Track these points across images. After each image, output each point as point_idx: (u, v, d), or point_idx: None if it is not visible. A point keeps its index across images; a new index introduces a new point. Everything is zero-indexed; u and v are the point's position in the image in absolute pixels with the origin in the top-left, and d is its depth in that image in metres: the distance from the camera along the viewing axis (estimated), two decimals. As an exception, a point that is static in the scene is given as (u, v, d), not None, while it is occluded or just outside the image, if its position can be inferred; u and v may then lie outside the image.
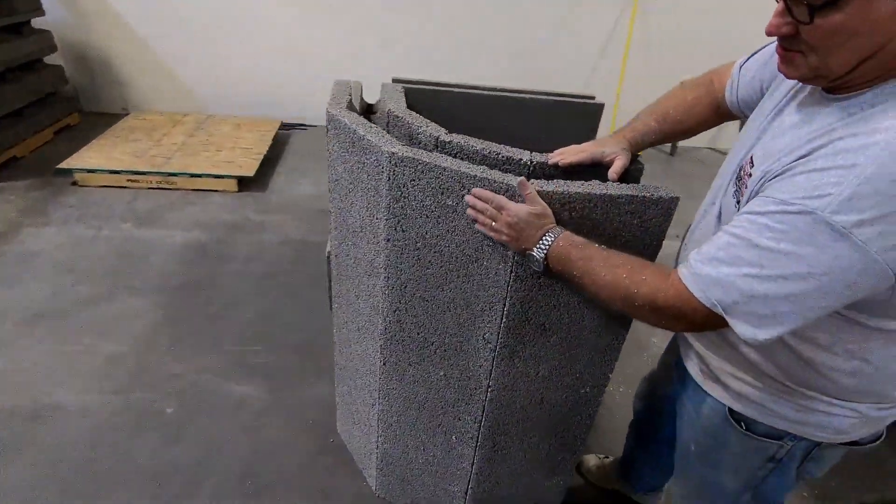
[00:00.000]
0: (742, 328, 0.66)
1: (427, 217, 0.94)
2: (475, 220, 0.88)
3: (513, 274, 0.92)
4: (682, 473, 1.08)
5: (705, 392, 0.91)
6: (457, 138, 1.00)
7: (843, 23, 0.56)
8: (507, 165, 0.96)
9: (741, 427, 0.86)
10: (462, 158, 0.99)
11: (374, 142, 0.94)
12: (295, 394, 1.79)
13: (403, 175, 0.92)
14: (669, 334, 1.13)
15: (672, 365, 1.06)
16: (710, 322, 0.69)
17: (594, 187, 0.86)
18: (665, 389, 1.11)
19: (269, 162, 3.47)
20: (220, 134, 3.56)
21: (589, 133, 2.66)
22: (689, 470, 1.03)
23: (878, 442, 0.85)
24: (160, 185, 3.01)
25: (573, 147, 0.97)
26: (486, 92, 2.09)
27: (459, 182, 0.88)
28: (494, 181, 0.85)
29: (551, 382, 1.09)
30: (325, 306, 2.17)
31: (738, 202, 0.76)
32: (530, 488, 1.33)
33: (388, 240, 1.00)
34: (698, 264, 0.69)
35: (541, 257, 0.82)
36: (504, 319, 0.98)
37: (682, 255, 0.93)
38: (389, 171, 0.92)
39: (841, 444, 0.83)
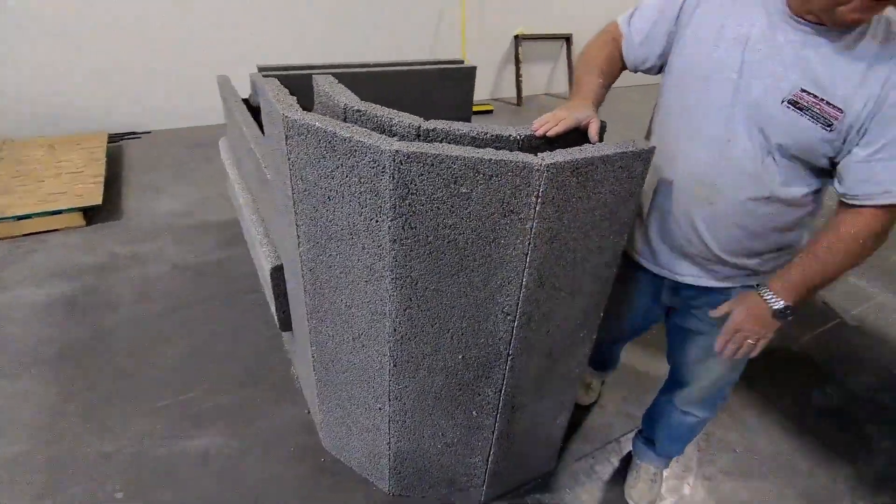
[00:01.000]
0: None
1: (439, 209, 0.92)
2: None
3: (531, 245, 0.96)
4: (699, 378, 1.28)
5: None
6: (439, 125, 0.99)
7: None
8: (497, 143, 0.98)
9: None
10: (448, 142, 0.98)
11: (368, 143, 0.89)
12: (264, 426, 1.64)
13: (411, 171, 0.88)
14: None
15: (655, 300, 1.25)
16: None
17: (592, 150, 0.93)
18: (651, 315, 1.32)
19: (111, 183, 2.95)
20: (33, 161, 2.90)
21: (467, 95, 2.77)
22: (710, 372, 1.24)
23: None
24: (-26, 240, 2.39)
25: (549, 116, 1.01)
26: (363, 69, 2.04)
27: (474, 168, 0.88)
28: (511, 162, 0.87)
29: (558, 334, 1.18)
30: (255, 327, 2.00)
31: (829, 125, 0.87)
32: (541, 432, 1.44)
33: (395, 240, 0.96)
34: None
35: (789, 314, 0.99)
36: (523, 290, 1.03)
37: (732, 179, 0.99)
38: (393, 169, 0.88)
39: None
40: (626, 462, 1.61)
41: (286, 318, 1.59)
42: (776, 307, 1.00)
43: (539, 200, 0.90)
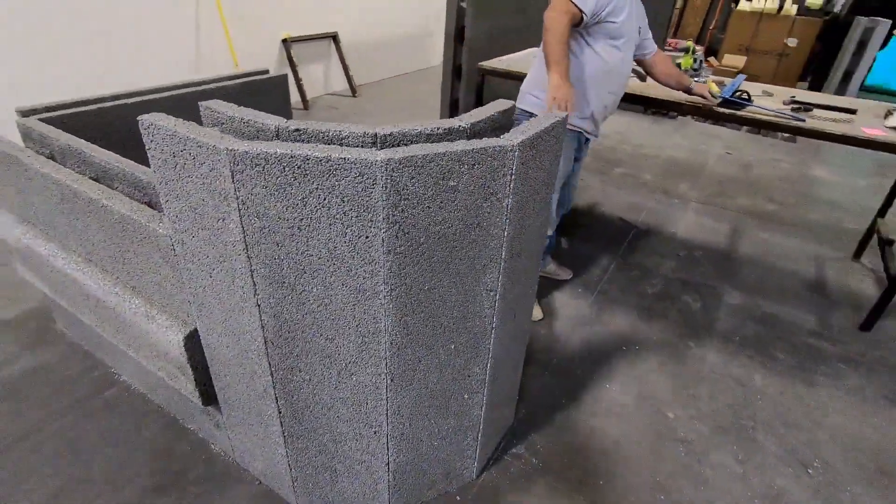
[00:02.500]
0: None
1: (429, 207, 0.94)
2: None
3: (507, 220, 1.05)
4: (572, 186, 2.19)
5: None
6: (394, 129, 0.98)
7: None
8: (450, 136, 1.02)
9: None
10: (401, 145, 0.99)
11: (353, 158, 0.84)
12: (215, 522, 1.38)
13: (402, 177, 0.88)
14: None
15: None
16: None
17: (536, 125, 1.05)
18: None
19: None
20: None
21: (283, 104, 2.66)
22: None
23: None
24: None
25: (569, 107, 1.61)
26: (165, 94, 1.84)
27: (459, 161, 0.91)
28: (490, 148, 0.93)
29: (520, 294, 1.30)
30: (136, 424, 1.63)
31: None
32: (509, 389, 1.55)
33: (389, 251, 0.94)
34: None
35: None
36: (503, 263, 1.11)
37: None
38: (386, 178, 0.86)
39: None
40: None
41: (209, 390, 1.36)
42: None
43: (513, 178, 0.99)
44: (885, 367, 2.06)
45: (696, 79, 2.43)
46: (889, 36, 5.22)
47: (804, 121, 2.07)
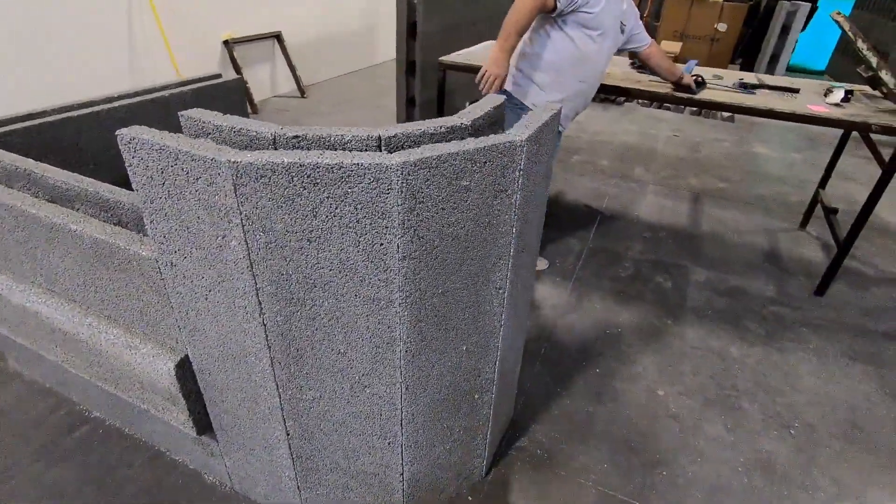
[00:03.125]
0: None
1: (443, 209, 0.91)
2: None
3: (516, 216, 1.03)
4: None
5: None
6: (398, 130, 0.94)
7: None
8: (453, 134, 1.00)
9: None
10: (408, 147, 0.96)
11: (367, 163, 0.80)
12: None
13: (418, 180, 0.84)
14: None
15: None
16: None
17: (536, 120, 1.04)
18: None
19: None
20: None
21: (241, 108, 2.55)
22: None
23: None
24: None
25: (496, 84, 1.27)
26: (112, 105, 1.73)
27: (471, 160, 0.89)
28: (500, 145, 0.91)
29: (521, 290, 1.29)
30: (109, 464, 1.51)
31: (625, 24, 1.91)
32: (511, 384, 1.55)
33: (405, 257, 0.91)
34: None
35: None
36: (511, 261, 1.10)
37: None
38: (402, 181, 0.83)
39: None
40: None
41: (203, 418, 1.28)
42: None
43: (521, 174, 0.98)
44: (841, 328, 2.22)
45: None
46: (808, 19, 5.60)
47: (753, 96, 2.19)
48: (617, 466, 1.58)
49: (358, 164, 0.80)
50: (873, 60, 2.10)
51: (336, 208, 0.84)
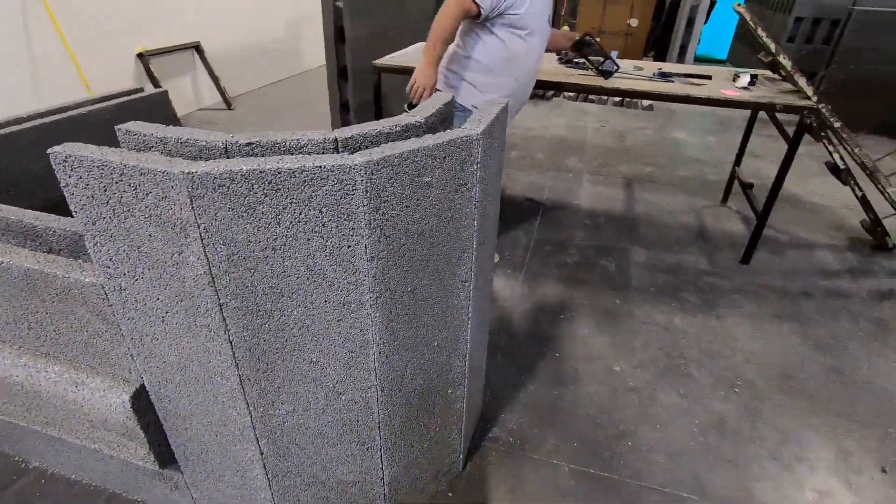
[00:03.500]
0: None
1: (407, 206, 0.91)
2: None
3: (476, 209, 1.05)
4: None
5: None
6: (354, 131, 0.94)
7: None
8: (408, 132, 1.00)
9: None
10: (365, 147, 0.95)
11: (330, 165, 0.79)
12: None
13: (381, 178, 0.84)
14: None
15: None
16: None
17: (489, 113, 1.07)
18: None
19: None
20: None
21: (171, 121, 2.44)
22: None
23: None
24: None
25: (425, 94, 1.14)
26: (23, 126, 1.62)
27: (432, 156, 0.90)
28: (458, 139, 0.93)
29: (485, 282, 1.32)
30: None
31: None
32: (480, 375, 1.57)
33: (373, 258, 0.91)
34: None
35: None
36: (475, 253, 1.11)
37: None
38: (366, 181, 0.83)
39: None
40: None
41: (165, 450, 1.20)
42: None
43: (479, 166, 1.00)
44: (768, 291, 2.43)
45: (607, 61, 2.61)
46: (709, 12, 6.06)
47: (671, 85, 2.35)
48: (585, 443, 1.64)
49: (321, 166, 0.79)
50: (772, 46, 2.32)
51: (300, 213, 0.83)
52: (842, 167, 2.61)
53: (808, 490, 1.52)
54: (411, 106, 1.83)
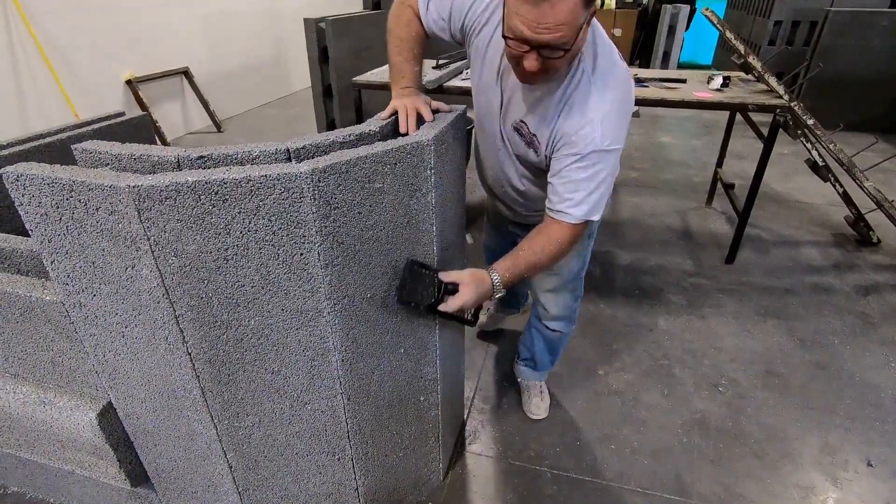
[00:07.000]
0: (597, 217, 1.12)
1: (360, 213, 0.92)
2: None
3: (434, 214, 1.06)
4: (549, 303, 1.57)
5: None
6: (306, 141, 0.95)
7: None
8: (362, 140, 1.02)
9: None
10: (315, 156, 0.97)
11: (276, 174, 0.81)
12: None
13: (329, 186, 0.86)
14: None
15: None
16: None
17: (442, 122, 1.09)
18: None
19: None
20: None
21: (151, 142, 2.47)
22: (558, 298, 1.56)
23: None
24: None
25: (403, 114, 1.08)
26: (11, 150, 1.64)
27: (382, 162, 0.92)
28: (409, 145, 0.94)
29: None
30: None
31: (536, 151, 1.15)
32: (457, 385, 1.57)
33: (327, 265, 0.92)
34: (572, 209, 1.07)
35: (502, 293, 1.12)
36: (436, 257, 1.12)
37: (498, 174, 1.36)
38: (313, 189, 0.84)
39: None
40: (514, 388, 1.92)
41: (136, 468, 1.20)
42: (497, 294, 1.13)
43: (433, 172, 1.01)
44: (751, 290, 2.43)
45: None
46: (690, 19, 6.15)
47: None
48: (568, 448, 1.63)
49: (266, 175, 0.81)
50: (741, 48, 2.35)
51: (249, 223, 0.84)
52: (821, 164, 2.62)
53: (793, 487, 1.51)
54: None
